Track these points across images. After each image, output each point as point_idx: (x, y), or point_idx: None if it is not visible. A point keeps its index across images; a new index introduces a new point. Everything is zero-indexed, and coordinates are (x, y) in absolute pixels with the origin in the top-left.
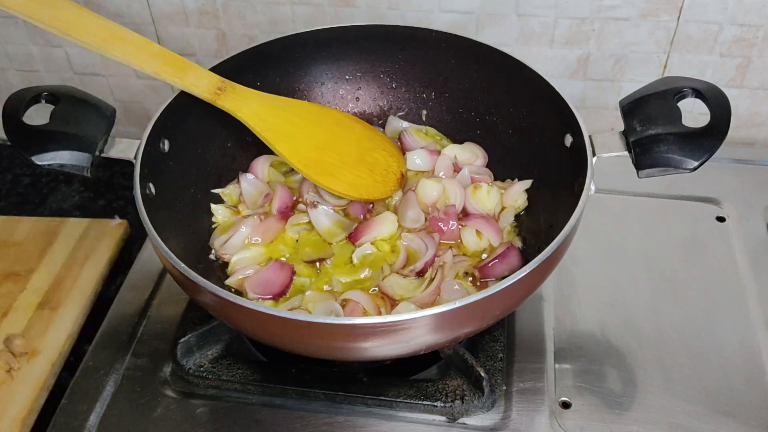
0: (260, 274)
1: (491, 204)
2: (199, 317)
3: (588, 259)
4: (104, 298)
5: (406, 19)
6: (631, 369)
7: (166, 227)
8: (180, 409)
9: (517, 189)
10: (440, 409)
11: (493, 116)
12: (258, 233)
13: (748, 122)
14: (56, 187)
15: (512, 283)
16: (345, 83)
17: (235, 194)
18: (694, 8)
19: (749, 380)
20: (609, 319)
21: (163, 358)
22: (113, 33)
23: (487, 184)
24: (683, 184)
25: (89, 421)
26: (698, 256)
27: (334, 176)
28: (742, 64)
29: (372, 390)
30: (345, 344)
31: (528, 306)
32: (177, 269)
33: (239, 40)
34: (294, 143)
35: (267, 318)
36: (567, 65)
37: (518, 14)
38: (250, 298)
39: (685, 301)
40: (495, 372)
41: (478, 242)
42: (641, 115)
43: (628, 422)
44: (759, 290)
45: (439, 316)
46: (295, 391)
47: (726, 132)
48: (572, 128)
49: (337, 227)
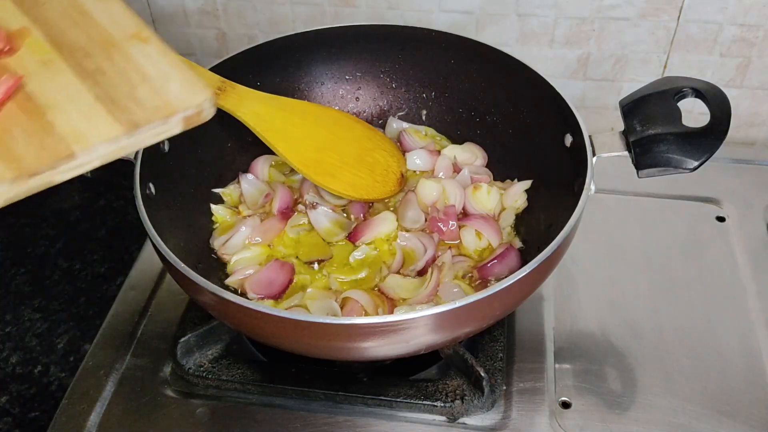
0: (260, 273)
1: (491, 204)
2: (199, 317)
3: (588, 259)
4: (104, 298)
5: (406, 19)
6: (631, 369)
7: (166, 227)
8: (180, 409)
9: (517, 189)
10: (440, 409)
11: (493, 116)
12: (258, 233)
13: (748, 122)
14: (56, 187)
15: (512, 283)
16: (345, 83)
17: (235, 194)
18: (694, 8)
19: (749, 380)
20: (609, 319)
21: (163, 358)
22: None
23: (486, 184)
24: (683, 184)
25: (89, 421)
26: (698, 256)
27: (334, 176)
28: (742, 64)
29: (372, 390)
30: (345, 344)
31: (528, 306)
32: (177, 269)
33: (239, 40)
34: (294, 143)
35: (267, 318)
36: (567, 65)
37: (518, 14)
38: (250, 297)
39: (685, 301)
40: (495, 372)
41: (477, 242)
42: (641, 115)
43: (628, 422)
44: (759, 290)
45: (439, 316)
46: (295, 391)
47: (726, 132)
48: (572, 128)
49: (336, 227)
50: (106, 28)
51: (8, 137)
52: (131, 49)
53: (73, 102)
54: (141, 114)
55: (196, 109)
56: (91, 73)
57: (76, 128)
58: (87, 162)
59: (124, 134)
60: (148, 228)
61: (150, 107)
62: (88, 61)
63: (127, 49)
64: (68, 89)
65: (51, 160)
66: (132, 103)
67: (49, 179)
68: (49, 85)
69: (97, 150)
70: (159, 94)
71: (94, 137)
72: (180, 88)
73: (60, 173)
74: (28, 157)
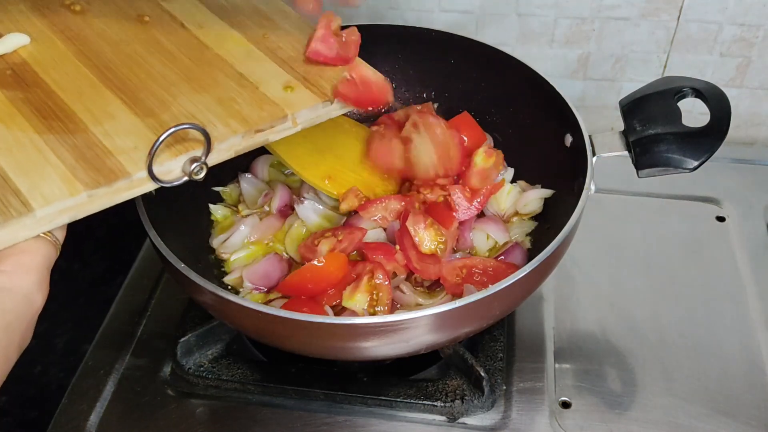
0: (258, 265)
1: (506, 204)
2: (199, 317)
3: (588, 259)
4: (104, 298)
5: (406, 19)
6: (631, 369)
7: (166, 227)
8: (180, 409)
9: (534, 195)
10: (440, 409)
11: (493, 116)
12: (258, 232)
13: (748, 122)
14: None
15: (512, 283)
16: None
17: (234, 193)
18: (694, 8)
19: (749, 380)
20: (609, 319)
21: (163, 358)
22: None
23: (510, 183)
24: (683, 184)
25: (89, 421)
26: (698, 256)
27: (334, 180)
28: (742, 64)
29: (372, 390)
30: (345, 344)
31: (528, 306)
32: (177, 269)
33: None
34: (293, 145)
35: (267, 318)
36: (567, 65)
37: (518, 14)
38: (245, 287)
39: (685, 301)
40: (495, 372)
41: (487, 243)
42: (641, 114)
43: (628, 422)
44: (759, 290)
45: (439, 315)
46: (295, 391)
47: (726, 132)
48: (572, 128)
49: (325, 221)
50: (288, 33)
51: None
52: (309, 47)
53: (276, 79)
54: (328, 91)
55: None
56: (285, 60)
57: (283, 98)
58: (295, 125)
59: (320, 103)
60: (148, 228)
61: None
62: (280, 52)
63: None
64: (272, 70)
65: (271, 120)
66: (322, 82)
67: (266, 137)
68: (254, 67)
69: (302, 115)
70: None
71: (300, 104)
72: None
73: (275, 133)
74: (254, 117)
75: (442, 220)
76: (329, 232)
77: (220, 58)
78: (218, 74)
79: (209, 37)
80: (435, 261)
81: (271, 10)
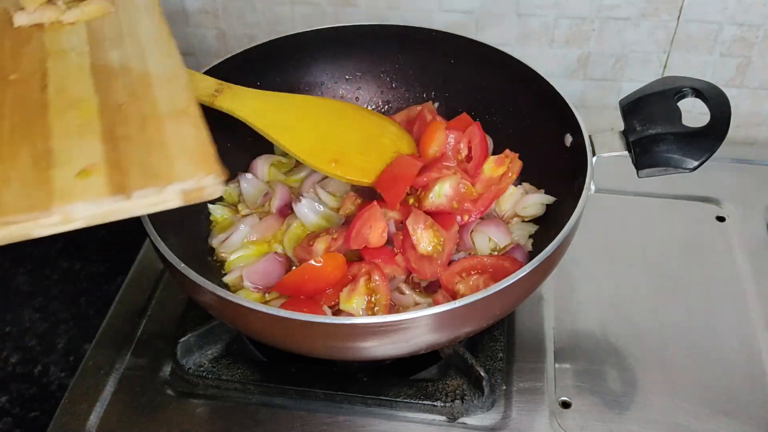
0: (258, 265)
1: (507, 206)
2: (199, 317)
3: (588, 259)
4: (104, 298)
5: (406, 19)
6: (631, 369)
7: (165, 227)
8: (180, 409)
9: (534, 199)
10: (440, 409)
11: (493, 116)
12: (257, 232)
13: (748, 122)
14: None
15: (512, 282)
16: (345, 83)
17: (234, 193)
18: (694, 8)
19: (749, 380)
20: (609, 319)
21: (163, 358)
22: None
23: (514, 185)
24: (683, 184)
25: (89, 421)
26: (698, 256)
27: (341, 163)
28: (742, 64)
29: (372, 390)
30: (345, 344)
31: (528, 306)
32: (177, 269)
33: (239, 40)
34: (297, 135)
35: (267, 318)
36: (567, 65)
37: (518, 14)
38: (244, 286)
39: (685, 301)
40: (495, 372)
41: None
42: (641, 114)
43: (628, 422)
44: (759, 290)
45: (439, 315)
46: (295, 391)
47: (726, 132)
48: (572, 128)
49: (324, 220)
50: (158, 103)
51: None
52: (168, 122)
53: (82, 160)
54: (136, 180)
55: (196, 183)
56: (117, 138)
57: (66, 186)
58: (68, 220)
59: (110, 197)
60: (148, 228)
61: (149, 176)
62: (120, 128)
63: (164, 122)
64: (88, 150)
65: (29, 211)
66: (135, 169)
67: (27, 231)
68: (72, 143)
69: (78, 210)
70: (165, 164)
71: (76, 196)
72: (188, 161)
73: (39, 227)
74: (11, 204)
75: (443, 222)
76: (324, 231)
77: (45, 127)
78: (26, 146)
79: (59, 102)
80: (433, 262)
81: (163, 72)
